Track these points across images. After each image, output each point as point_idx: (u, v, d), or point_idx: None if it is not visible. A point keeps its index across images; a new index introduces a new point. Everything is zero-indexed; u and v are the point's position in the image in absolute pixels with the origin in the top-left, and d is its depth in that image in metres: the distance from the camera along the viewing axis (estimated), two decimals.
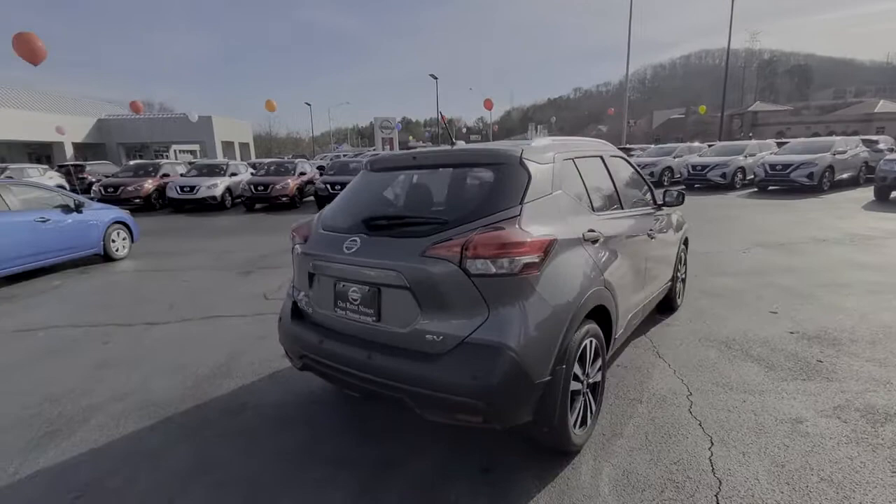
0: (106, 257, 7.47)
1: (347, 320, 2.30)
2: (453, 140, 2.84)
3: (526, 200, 2.16)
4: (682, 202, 3.84)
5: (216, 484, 2.25)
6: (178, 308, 4.99)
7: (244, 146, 46.08)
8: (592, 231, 2.47)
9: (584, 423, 2.39)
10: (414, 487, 2.17)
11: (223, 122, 40.59)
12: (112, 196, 14.01)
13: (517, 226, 2.03)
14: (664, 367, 3.32)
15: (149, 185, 14.76)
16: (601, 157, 3.11)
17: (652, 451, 2.38)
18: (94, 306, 5.21)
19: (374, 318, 2.18)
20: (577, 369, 2.23)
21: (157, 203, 14.89)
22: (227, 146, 41.62)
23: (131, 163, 19.30)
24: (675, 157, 18.63)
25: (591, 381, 2.43)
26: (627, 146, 25.76)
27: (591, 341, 2.34)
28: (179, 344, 4.02)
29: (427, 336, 2.02)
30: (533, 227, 2.08)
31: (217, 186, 14.24)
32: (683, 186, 16.62)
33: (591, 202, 2.68)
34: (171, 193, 14.13)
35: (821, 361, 3.31)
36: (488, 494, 2.11)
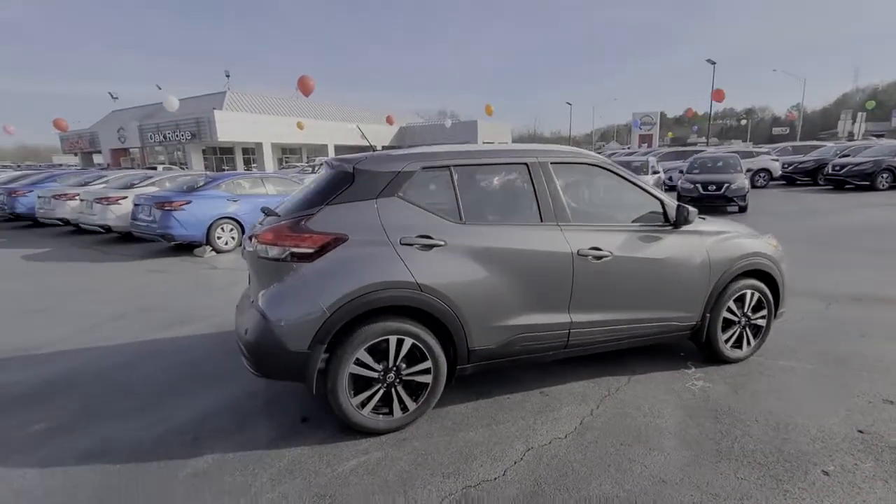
0: None
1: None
2: (373, 147, 3.26)
3: (333, 202, 2.53)
4: (687, 220, 3.06)
5: (185, 367, 3.53)
6: None
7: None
8: (427, 237, 2.55)
9: (388, 412, 2.58)
10: (242, 419, 2.85)
11: (486, 126, 46.05)
12: None
13: (303, 222, 2.46)
14: (588, 408, 2.87)
15: None
16: (525, 165, 2.91)
17: (431, 459, 2.38)
18: None
19: (249, 281, 2.99)
20: (367, 359, 2.48)
21: None
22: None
23: None
24: None
25: (404, 377, 2.57)
26: None
27: (399, 339, 2.52)
28: None
29: (252, 299, 2.70)
30: (321, 225, 2.45)
31: None
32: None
33: (459, 211, 2.69)
34: None
35: (826, 474, 2.23)
36: (277, 435, 2.64)
